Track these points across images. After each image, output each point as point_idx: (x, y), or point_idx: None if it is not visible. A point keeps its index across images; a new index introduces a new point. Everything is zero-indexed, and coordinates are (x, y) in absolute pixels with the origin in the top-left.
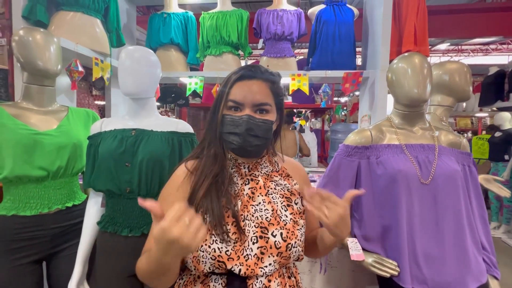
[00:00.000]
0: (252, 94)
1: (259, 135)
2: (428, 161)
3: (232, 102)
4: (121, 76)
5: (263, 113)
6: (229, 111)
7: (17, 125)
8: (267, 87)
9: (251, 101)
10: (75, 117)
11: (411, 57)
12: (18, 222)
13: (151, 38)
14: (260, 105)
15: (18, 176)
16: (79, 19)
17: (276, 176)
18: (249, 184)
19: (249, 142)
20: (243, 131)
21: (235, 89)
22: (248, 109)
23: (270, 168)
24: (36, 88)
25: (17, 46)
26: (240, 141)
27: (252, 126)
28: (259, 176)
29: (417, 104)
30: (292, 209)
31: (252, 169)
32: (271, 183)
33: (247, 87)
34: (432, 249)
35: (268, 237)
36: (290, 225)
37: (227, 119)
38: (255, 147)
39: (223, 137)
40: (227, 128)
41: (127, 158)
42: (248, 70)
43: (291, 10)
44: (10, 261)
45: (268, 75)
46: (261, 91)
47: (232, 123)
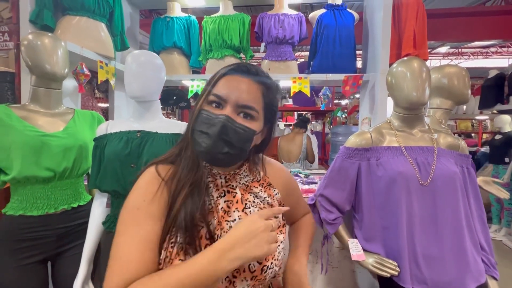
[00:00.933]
0: (239, 91)
1: (233, 143)
2: (427, 163)
3: (214, 96)
4: (127, 79)
5: (247, 119)
6: (208, 106)
7: (25, 127)
8: (258, 90)
9: (236, 99)
10: (81, 119)
11: (410, 61)
12: (25, 222)
13: (154, 41)
14: (245, 107)
15: (26, 177)
16: (84, 23)
17: (256, 187)
18: (225, 196)
19: (219, 148)
20: (215, 133)
21: (221, 83)
22: (230, 108)
23: (250, 177)
24: (44, 91)
25: (26, 50)
26: (209, 144)
27: (229, 130)
28: (236, 187)
29: (416, 107)
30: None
31: (230, 179)
32: (250, 195)
33: (235, 82)
34: (431, 249)
35: None
36: None
37: (203, 115)
38: (226, 155)
39: (194, 135)
40: (200, 126)
41: (133, 159)
42: (243, 66)
43: (292, 14)
44: (17, 261)
45: (263, 78)
46: (250, 91)
47: (207, 120)
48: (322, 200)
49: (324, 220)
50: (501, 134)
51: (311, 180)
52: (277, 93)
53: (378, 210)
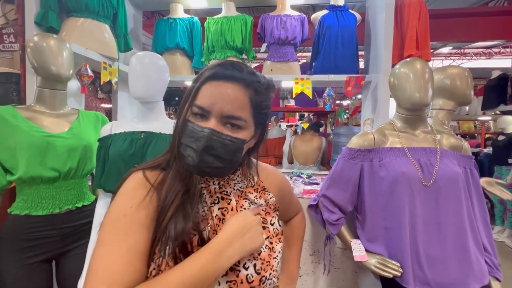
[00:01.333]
0: (223, 101)
1: (221, 156)
2: (430, 163)
3: (196, 108)
4: (131, 80)
5: (235, 129)
6: (193, 117)
7: (31, 127)
8: (245, 96)
9: (220, 110)
10: (85, 119)
11: (413, 62)
12: (30, 221)
13: (157, 42)
14: (231, 118)
15: (32, 177)
16: (88, 25)
17: (252, 192)
18: (219, 203)
19: (207, 163)
20: (200, 148)
21: (204, 91)
22: (215, 120)
23: (244, 183)
24: (49, 92)
25: (31, 52)
26: (195, 159)
27: (214, 144)
28: (231, 193)
29: (419, 108)
30: (268, 232)
31: (224, 185)
32: (245, 201)
33: (218, 90)
34: (434, 250)
35: (239, 269)
36: (265, 254)
37: (188, 127)
38: (215, 169)
39: (180, 149)
40: (185, 139)
41: (137, 159)
42: (225, 68)
43: (294, 15)
44: (22, 259)
45: (251, 78)
46: (236, 99)
47: (192, 134)
48: (325, 201)
49: (327, 221)
50: (504, 135)
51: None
52: (268, 92)
53: (381, 211)
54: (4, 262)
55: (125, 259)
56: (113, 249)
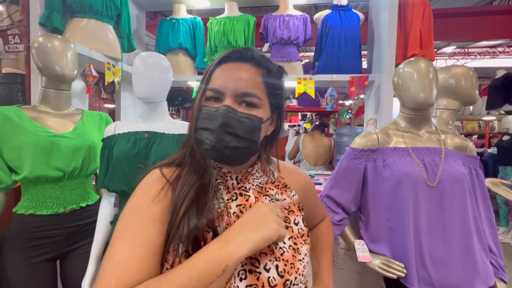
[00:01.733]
0: (235, 80)
1: (239, 134)
2: (434, 164)
3: (210, 91)
4: (134, 81)
5: (250, 107)
6: (207, 102)
7: (36, 127)
8: (257, 75)
9: (233, 89)
10: (89, 120)
11: (417, 61)
12: (35, 221)
13: (160, 43)
14: (245, 95)
15: (37, 177)
16: (92, 25)
17: (272, 189)
18: (237, 200)
19: (225, 142)
20: (217, 127)
21: (216, 74)
22: (229, 99)
23: (264, 179)
24: (54, 92)
25: (36, 53)
26: (213, 140)
27: (230, 120)
28: (250, 189)
29: (423, 108)
30: (292, 232)
31: (242, 180)
32: (265, 198)
33: (230, 71)
34: (439, 251)
35: (259, 271)
36: (288, 254)
37: (203, 110)
38: (233, 149)
39: (197, 135)
40: (201, 123)
41: (140, 159)
42: (236, 52)
43: (297, 15)
44: (26, 259)
45: (262, 60)
46: (248, 77)
47: (207, 116)
48: (328, 201)
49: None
50: (509, 135)
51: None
52: (280, 73)
53: (385, 211)
54: (9, 261)
55: (138, 254)
56: (127, 244)
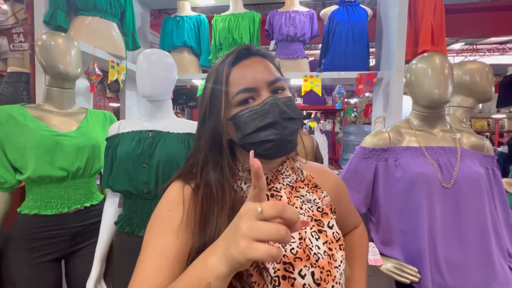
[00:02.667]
0: (261, 71)
1: (293, 116)
2: (449, 164)
3: (242, 93)
4: (138, 78)
5: (280, 92)
6: (239, 108)
7: (39, 126)
8: (269, 62)
9: (265, 80)
10: (93, 118)
11: (432, 57)
12: (39, 221)
13: (164, 40)
14: (275, 81)
15: (41, 176)
16: (96, 23)
17: (302, 187)
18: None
19: (288, 129)
20: (277, 118)
21: (236, 75)
22: (265, 91)
23: (293, 177)
24: (57, 91)
25: (40, 51)
26: (279, 132)
27: (282, 107)
28: (281, 189)
29: (437, 105)
30: (326, 236)
31: (272, 181)
32: (297, 199)
33: (249, 67)
34: (454, 255)
35: (294, 277)
36: (324, 261)
37: (245, 115)
38: (294, 133)
39: (249, 141)
40: (251, 126)
41: (145, 159)
42: (241, 49)
43: (303, 11)
44: (31, 259)
45: (263, 51)
46: (267, 66)
47: (256, 115)
48: None
49: None
50: None
51: None
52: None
53: (397, 213)
54: (13, 262)
55: (155, 263)
56: (149, 251)
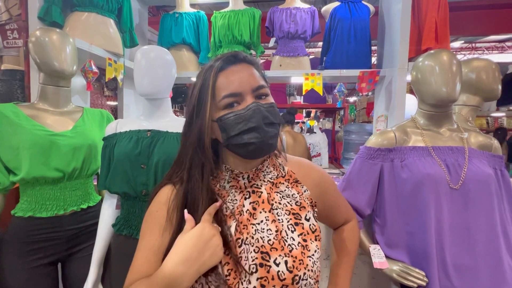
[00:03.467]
0: (246, 78)
1: (274, 122)
2: (457, 164)
3: (227, 98)
4: (136, 76)
5: (263, 98)
6: (224, 110)
7: (33, 126)
8: (254, 69)
9: (249, 86)
10: (90, 117)
11: (439, 53)
12: (34, 223)
13: (163, 38)
14: (259, 88)
15: (35, 178)
16: (93, 19)
17: (282, 183)
18: (250, 197)
19: (270, 134)
20: (259, 123)
21: (223, 80)
22: (249, 97)
23: (274, 173)
24: (52, 89)
25: (34, 47)
26: (260, 137)
27: (265, 113)
28: (262, 186)
29: (445, 104)
30: (302, 228)
31: (253, 178)
32: (276, 194)
33: (236, 73)
34: (463, 258)
35: (269, 265)
36: (297, 251)
37: (230, 118)
38: (274, 138)
39: (233, 142)
40: (236, 129)
41: (143, 159)
42: (229, 56)
43: (304, 8)
44: (26, 263)
45: (249, 58)
46: (252, 73)
47: (240, 119)
48: None
49: None
50: None
51: None
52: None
53: (403, 214)
54: (8, 266)
55: (144, 255)
56: (141, 245)
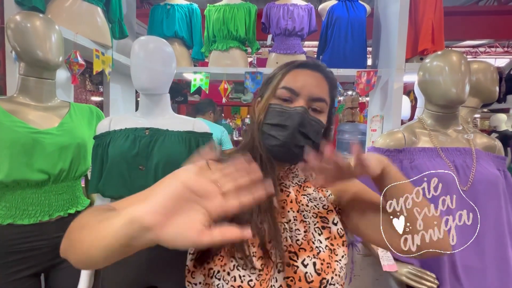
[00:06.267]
0: (312, 85)
1: (309, 136)
2: (466, 166)
3: (285, 90)
4: (134, 69)
5: (316, 112)
6: (277, 100)
7: (13, 122)
8: (326, 85)
9: (309, 92)
10: (78, 114)
11: (448, 54)
12: (15, 232)
13: (153, 30)
14: (317, 100)
15: (16, 181)
16: (78, 6)
17: (309, 187)
18: (279, 195)
19: (296, 140)
20: (294, 125)
21: (292, 76)
22: (303, 101)
23: (302, 177)
24: (35, 81)
25: (13, 34)
26: (286, 137)
27: (306, 121)
28: (290, 187)
29: (454, 105)
30: (329, 232)
31: (283, 177)
32: (304, 197)
33: (307, 76)
34: (471, 259)
35: (297, 265)
36: (325, 254)
37: (275, 108)
38: (299, 149)
39: (264, 128)
40: (273, 119)
41: (141, 160)
42: (311, 62)
43: (301, 5)
44: (6, 276)
45: (330, 74)
46: (321, 85)
47: (282, 114)
48: None
49: None
50: (497, 133)
51: None
52: (337, 91)
53: None
54: None
55: None
56: None
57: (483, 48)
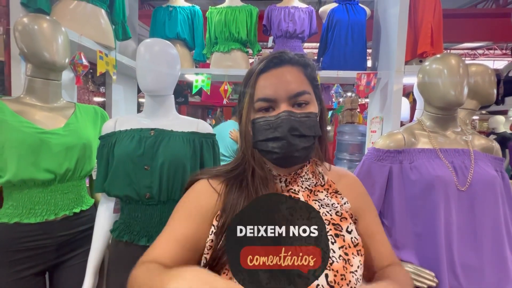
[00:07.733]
0: (285, 83)
1: (305, 134)
2: (464, 166)
3: (261, 102)
4: (139, 71)
5: (303, 106)
6: (259, 114)
7: (21, 122)
8: (300, 72)
9: (285, 92)
10: (83, 114)
11: (447, 57)
12: (21, 230)
13: (155, 32)
14: (298, 95)
15: (23, 180)
16: (83, 8)
17: (321, 191)
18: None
19: (295, 146)
20: (285, 133)
21: (261, 83)
22: (284, 104)
23: (313, 181)
24: (41, 82)
25: (20, 36)
26: (283, 147)
27: (295, 124)
28: (299, 192)
29: (453, 107)
30: (343, 241)
31: (291, 183)
32: (315, 202)
33: (275, 77)
34: (470, 258)
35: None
36: (339, 265)
37: (259, 123)
38: (303, 150)
39: (259, 147)
40: (262, 135)
41: (146, 160)
42: (273, 57)
43: (302, 7)
44: (12, 274)
45: (298, 58)
46: (295, 78)
47: (268, 126)
48: None
49: None
50: (496, 134)
51: None
52: (313, 63)
53: (412, 216)
54: None
55: (163, 241)
56: (165, 231)
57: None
